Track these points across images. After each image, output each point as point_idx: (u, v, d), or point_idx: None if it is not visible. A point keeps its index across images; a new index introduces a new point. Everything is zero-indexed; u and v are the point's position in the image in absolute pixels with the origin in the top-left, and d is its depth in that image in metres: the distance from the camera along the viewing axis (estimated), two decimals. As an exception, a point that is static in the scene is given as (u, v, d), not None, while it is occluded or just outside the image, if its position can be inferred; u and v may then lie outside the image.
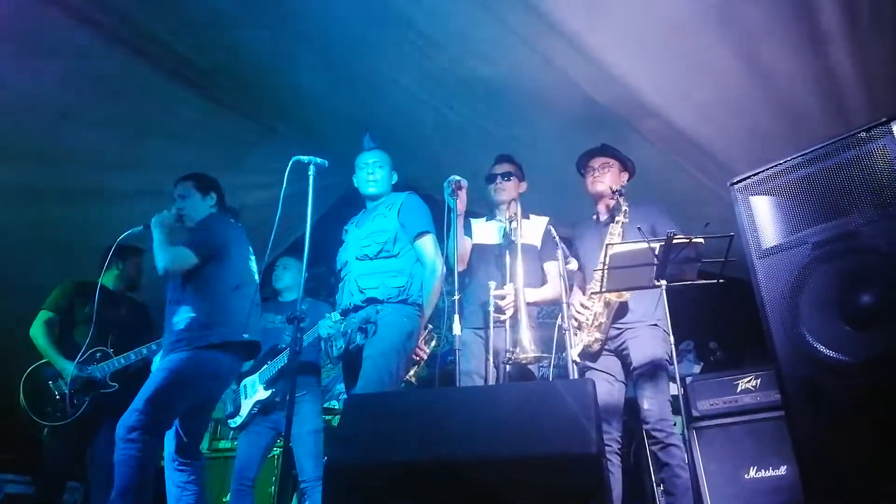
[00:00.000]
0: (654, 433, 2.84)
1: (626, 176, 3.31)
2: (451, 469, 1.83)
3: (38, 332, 3.83)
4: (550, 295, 3.31)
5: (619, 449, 2.99)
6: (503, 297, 3.03)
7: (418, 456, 1.87)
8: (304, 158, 2.81)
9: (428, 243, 3.05)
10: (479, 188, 3.45)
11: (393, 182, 3.30)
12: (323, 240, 3.19)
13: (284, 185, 2.72)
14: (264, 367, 3.98)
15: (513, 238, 3.07)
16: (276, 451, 4.30)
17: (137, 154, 4.57)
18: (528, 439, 1.83)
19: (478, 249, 3.26)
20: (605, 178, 3.23)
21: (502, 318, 2.98)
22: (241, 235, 3.23)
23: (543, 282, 3.32)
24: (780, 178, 2.49)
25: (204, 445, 4.66)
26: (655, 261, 2.55)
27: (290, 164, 2.75)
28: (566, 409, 1.87)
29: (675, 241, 2.51)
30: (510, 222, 3.20)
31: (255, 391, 3.99)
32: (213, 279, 2.99)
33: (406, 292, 2.96)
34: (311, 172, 2.83)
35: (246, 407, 3.98)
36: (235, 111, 4.72)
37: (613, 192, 3.07)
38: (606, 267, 2.58)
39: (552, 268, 3.32)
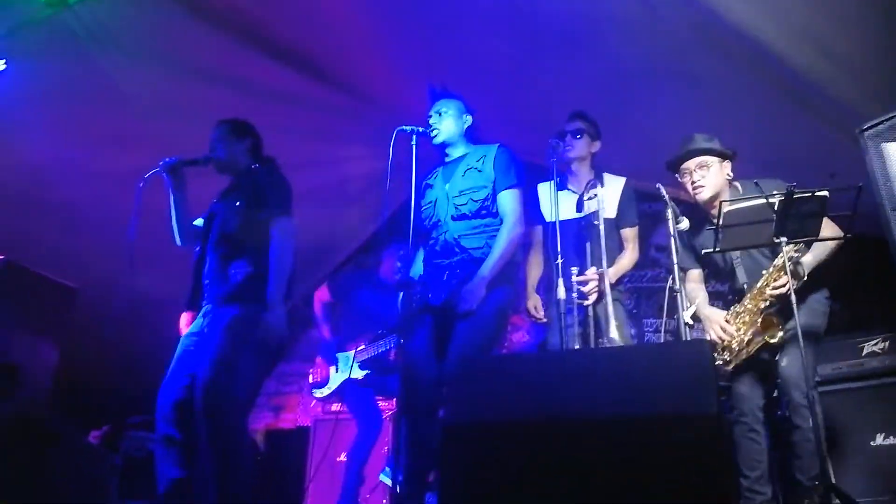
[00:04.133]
0: (791, 393, 2.69)
1: (728, 166, 2.96)
2: (567, 430, 1.84)
3: None
4: (628, 265, 3.29)
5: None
6: (586, 283, 2.98)
7: (535, 416, 1.89)
8: (408, 128, 2.86)
9: (514, 198, 2.91)
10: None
11: (466, 126, 3.10)
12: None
13: (391, 155, 2.77)
14: (361, 348, 4.06)
15: (594, 220, 2.95)
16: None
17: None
18: (644, 401, 1.81)
19: (552, 226, 3.03)
20: (707, 183, 2.90)
21: (585, 303, 2.93)
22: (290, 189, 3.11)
23: (622, 249, 3.27)
24: (916, 123, 2.28)
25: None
26: (774, 217, 2.41)
27: (394, 134, 2.80)
28: (682, 369, 1.83)
29: (795, 196, 2.36)
30: (587, 197, 3.06)
31: (347, 368, 4.08)
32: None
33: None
34: (413, 142, 2.88)
35: (335, 381, 4.10)
36: (329, 82, 4.81)
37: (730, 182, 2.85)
38: (721, 225, 2.47)
39: (629, 233, 3.30)
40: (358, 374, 4.04)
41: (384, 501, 4.33)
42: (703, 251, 2.83)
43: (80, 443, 3.13)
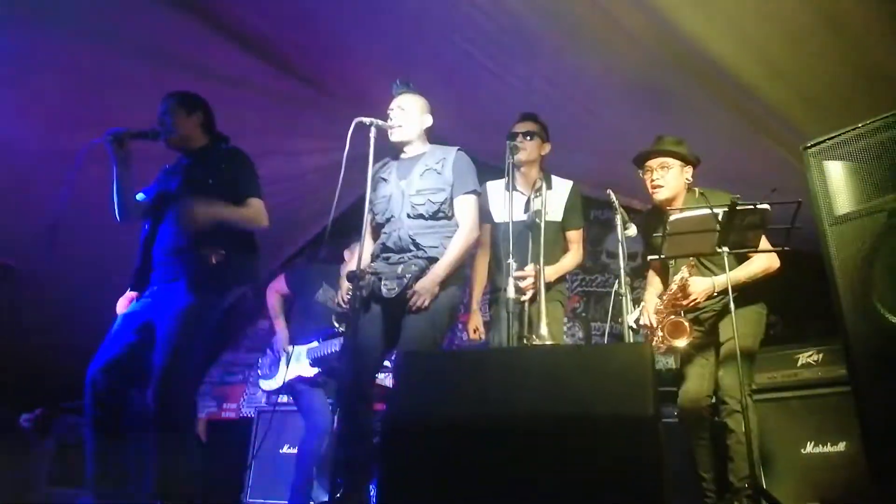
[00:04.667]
0: (727, 399, 2.84)
1: (689, 171, 3.05)
2: (506, 429, 1.85)
3: None
4: (570, 266, 3.36)
5: None
6: (524, 279, 3.02)
7: (475, 414, 1.90)
8: (367, 120, 2.84)
9: (471, 204, 2.96)
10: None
11: (426, 127, 3.10)
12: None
13: (347, 147, 2.75)
14: (314, 345, 4.00)
15: (536, 219, 2.96)
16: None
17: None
18: (583, 401, 1.84)
19: (499, 227, 3.14)
20: (665, 184, 3.00)
21: (521, 299, 2.93)
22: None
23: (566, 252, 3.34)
24: (856, 143, 2.38)
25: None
26: (718, 227, 2.49)
27: (352, 125, 2.77)
28: (622, 371, 1.87)
29: (739, 207, 2.44)
30: (534, 197, 3.09)
31: (297, 364, 4.01)
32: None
33: None
34: (372, 134, 2.86)
35: (282, 376, 4.02)
36: (291, 73, 4.76)
37: (688, 188, 2.95)
38: (667, 233, 2.53)
39: (574, 235, 3.37)
40: (308, 371, 3.98)
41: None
42: (649, 257, 2.91)
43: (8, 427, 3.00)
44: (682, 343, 2.84)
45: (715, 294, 2.87)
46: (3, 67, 3.57)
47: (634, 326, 2.75)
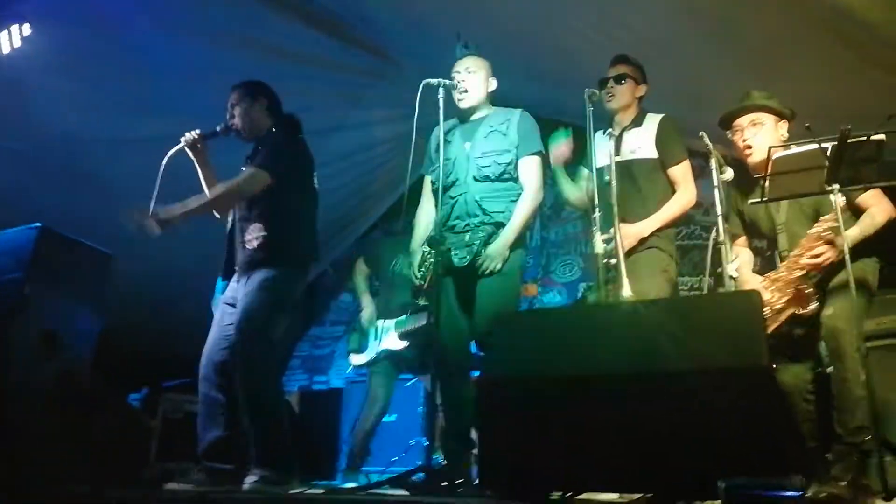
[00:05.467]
0: (840, 340, 2.53)
1: (784, 126, 2.76)
2: (608, 384, 1.78)
3: None
4: (678, 210, 2.95)
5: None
6: (609, 241, 2.67)
7: (574, 371, 1.84)
8: (434, 81, 2.78)
9: (536, 165, 2.90)
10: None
11: (491, 90, 3.03)
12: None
13: (417, 110, 2.71)
14: (403, 317, 4.02)
15: (611, 159, 2.73)
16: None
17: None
18: (691, 354, 1.74)
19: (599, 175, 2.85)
20: (758, 143, 2.70)
21: (612, 263, 2.63)
22: (306, 148, 3.08)
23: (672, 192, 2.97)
24: None
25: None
26: (826, 163, 2.29)
27: (420, 88, 2.73)
28: (731, 321, 1.76)
29: (849, 140, 2.23)
30: (618, 137, 2.92)
31: (388, 340, 4.05)
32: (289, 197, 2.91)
33: None
34: (440, 95, 2.80)
35: (373, 350, 4.07)
36: (355, 44, 4.73)
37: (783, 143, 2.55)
38: (769, 173, 2.35)
39: (678, 171, 2.96)
40: (397, 344, 4.02)
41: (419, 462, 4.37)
42: (750, 202, 2.70)
43: (122, 406, 3.18)
44: (808, 308, 2.57)
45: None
46: (61, 59, 3.66)
47: (735, 275, 2.57)
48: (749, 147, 2.76)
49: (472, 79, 2.96)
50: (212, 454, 2.76)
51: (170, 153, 2.93)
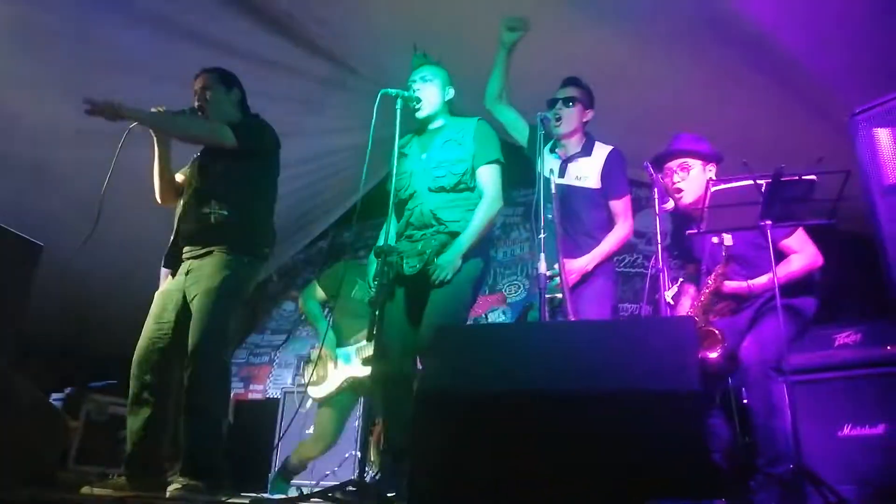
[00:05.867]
0: (754, 373, 2.59)
1: (713, 170, 2.86)
2: (543, 402, 1.79)
3: None
4: (617, 243, 3.03)
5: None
6: (553, 278, 2.73)
7: (510, 388, 1.84)
8: (392, 91, 2.78)
9: (494, 173, 2.85)
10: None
11: (448, 99, 3.00)
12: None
13: (374, 118, 2.70)
14: (363, 344, 3.87)
15: (553, 190, 2.75)
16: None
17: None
18: (623, 375, 1.77)
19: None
20: (687, 187, 2.81)
21: (557, 296, 2.73)
22: (278, 145, 2.99)
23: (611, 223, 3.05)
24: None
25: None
26: (761, 199, 2.39)
27: (378, 97, 2.72)
28: (664, 345, 1.80)
29: (783, 178, 2.34)
30: (567, 164, 2.94)
31: (348, 363, 3.89)
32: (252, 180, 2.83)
33: None
34: (398, 106, 2.80)
35: (336, 379, 3.88)
36: (316, 52, 4.70)
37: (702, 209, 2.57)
38: (707, 206, 2.43)
39: (619, 206, 3.05)
40: (361, 371, 3.85)
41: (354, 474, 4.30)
42: (688, 232, 2.79)
43: (38, 404, 3.00)
44: (716, 353, 2.58)
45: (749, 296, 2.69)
46: (18, 35, 3.51)
47: (672, 302, 2.65)
48: (679, 190, 2.85)
49: (428, 88, 2.95)
50: (135, 458, 2.64)
51: (131, 126, 2.73)
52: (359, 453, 4.08)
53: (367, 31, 4.46)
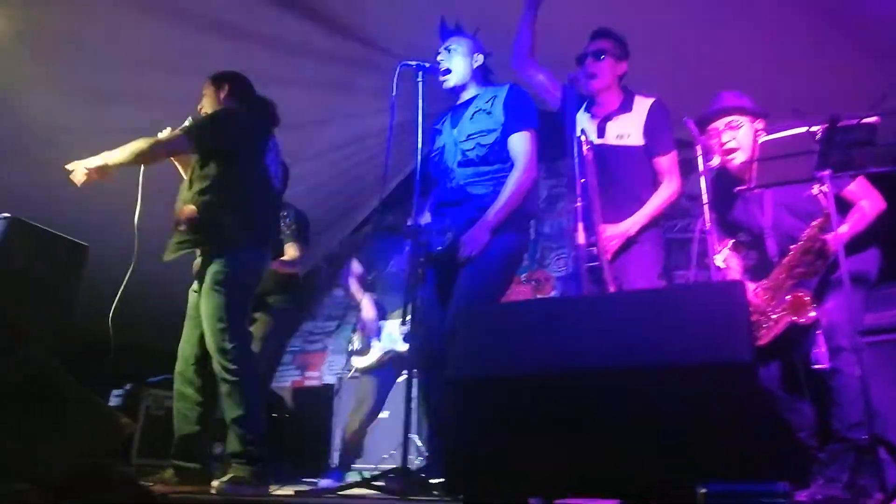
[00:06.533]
0: (836, 337, 2.45)
1: (761, 125, 2.65)
2: (580, 382, 1.67)
3: None
4: (664, 204, 2.81)
5: None
6: (592, 245, 2.59)
7: (545, 368, 1.73)
8: (413, 63, 2.68)
9: (526, 140, 2.68)
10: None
11: (477, 65, 2.86)
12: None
13: (394, 92, 2.61)
14: (404, 320, 3.86)
15: (585, 152, 2.54)
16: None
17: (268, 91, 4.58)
18: (668, 349, 1.63)
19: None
20: (739, 145, 2.62)
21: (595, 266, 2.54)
22: (254, 130, 2.93)
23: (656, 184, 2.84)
24: None
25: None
26: (816, 147, 2.18)
27: (396, 70, 2.64)
28: (711, 313, 1.64)
29: (840, 124, 2.12)
30: (606, 122, 2.75)
31: (392, 341, 3.93)
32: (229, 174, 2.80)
33: None
34: (419, 79, 2.70)
35: (376, 352, 3.95)
36: (345, 33, 4.62)
37: (753, 162, 2.42)
38: (757, 158, 2.23)
39: (665, 163, 2.82)
40: (402, 346, 3.88)
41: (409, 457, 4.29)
42: (736, 189, 2.58)
43: (93, 402, 3.07)
44: (807, 317, 2.43)
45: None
46: (30, 41, 3.55)
47: (723, 265, 2.46)
48: (730, 151, 2.65)
49: (454, 58, 2.83)
50: (181, 452, 2.67)
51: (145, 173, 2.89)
52: (415, 436, 4.06)
53: (395, 7, 4.35)
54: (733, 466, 1.47)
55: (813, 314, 2.46)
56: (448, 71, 2.83)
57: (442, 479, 2.36)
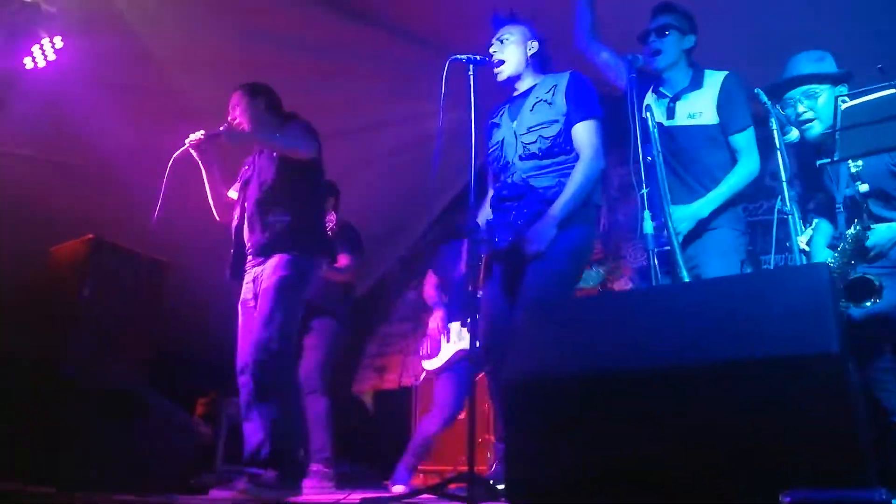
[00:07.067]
0: None
1: (843, 89, 2.44)
2: (651, 380, 1.55)
3: None
4: (741, 183, 2.59)
5: None
6: (662, 229, 2.34)
7: (612, 366, 1.62)
8: (462, 57, 2.60)
9: (591, 130, 2.57)
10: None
11: (532, 53, 2.75)
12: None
13: (444, 88, 2.55)
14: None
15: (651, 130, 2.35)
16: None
17: (323, 96, 4.65)
18: (744, 340, 1.49)
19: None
20: (818, 115, 2.45)
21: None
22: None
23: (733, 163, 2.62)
24: None
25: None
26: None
27: (446, 65, 2.57)
28: (793, 300, 1.49)
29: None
30: (675, 102, 2.59)
31: (461, 339, 3.89)
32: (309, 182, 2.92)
33: None
34: (470, 73, 2.62)
35: (447, 352, 3.93)
36: (402, 35, 4.61)
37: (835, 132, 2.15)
38: (839, 127, 2.02)
39: (742, 140, 2.60)
40: (465, 342, 3.86)
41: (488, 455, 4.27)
42: (819, 163, 2.35)
43: (175, 414, 3.18)
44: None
45: None
46: (96, 69, 3.70)
47: (807, 248, 2.25)
48: (807, 121, 2.45)
49: (507, 48, 2.73)
50: (252, 459, 2.71)
51: (175, 155, 2.92)
52: (493, 439, 4.01)
53: (455, 9, 4.30)
54: (823, 471, 1.32)
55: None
56: (501, 62, 2.73)
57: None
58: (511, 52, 2.74)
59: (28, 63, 3.43)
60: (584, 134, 2.58)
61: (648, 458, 1.50)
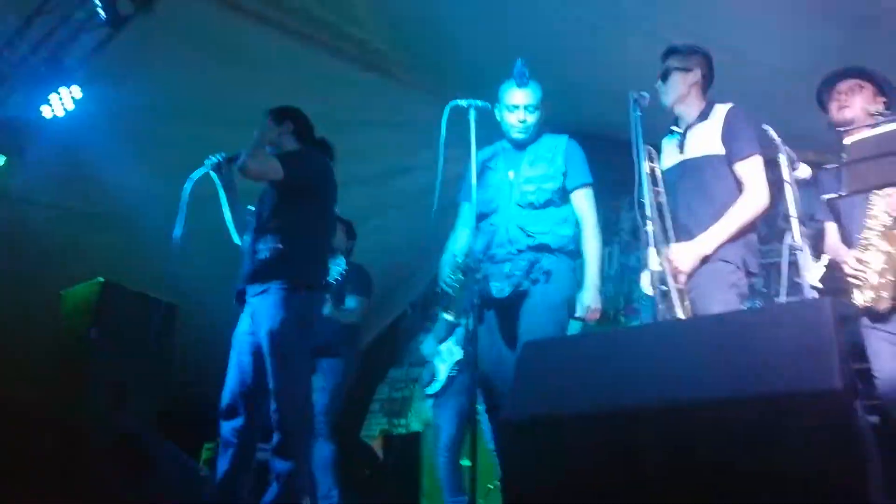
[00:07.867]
0: None
1: (882, 101, 2.48)
2: (651, 416, 1.51)
3: None
4: (745, 216, 2.49)
5: None
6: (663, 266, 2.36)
7: (609, 404, 1.58)
8: (463, 102, 2.64)
9: (591, 197, 2.84)
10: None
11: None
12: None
13: (443, 132, 2.59)
14: (459, 328, 3.87)
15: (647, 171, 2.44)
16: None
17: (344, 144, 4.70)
18: (745, 378, 1.45)
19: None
20: (855, 102, 2.51)
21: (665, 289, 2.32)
22: (332, 175, 3.00)
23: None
24: None
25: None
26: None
27: (446, 110, 2.62)
28: (796, 336, 1.45)
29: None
30: (683, 136, 2.62)
31: (452, 354, 3.94)
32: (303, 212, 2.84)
33: (574, 242, 2.77)
34: (471, 117, 2.65)
35: (444, 372, 3.94)
36: (418, 88, 4.71)
37: (872, 115, 2.32)
38: (847, 162, 2.00)
39: (745, 169, 2.51)
40: (459, 353, 3.90)
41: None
42: (827, 198, 2.31)
43: (181, 459, 3.16)
44: None
45: None
46: (113, 117, 3.77)
47: (819, 286, 2.20)
48: (844, 106, 2.55)
49: (534, 116, 2.83)
50: (222, 490, 2.68)
51: (194, 176, 2.90)
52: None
53: (462, 57, 4.40)
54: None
55: None
56: (528, 127, 2.83)
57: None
58: (536, 120, 2.85)
59: (46, 112, 3.53)
60: (585, 202, 2.82)
61: (649, 498, 1.46)
